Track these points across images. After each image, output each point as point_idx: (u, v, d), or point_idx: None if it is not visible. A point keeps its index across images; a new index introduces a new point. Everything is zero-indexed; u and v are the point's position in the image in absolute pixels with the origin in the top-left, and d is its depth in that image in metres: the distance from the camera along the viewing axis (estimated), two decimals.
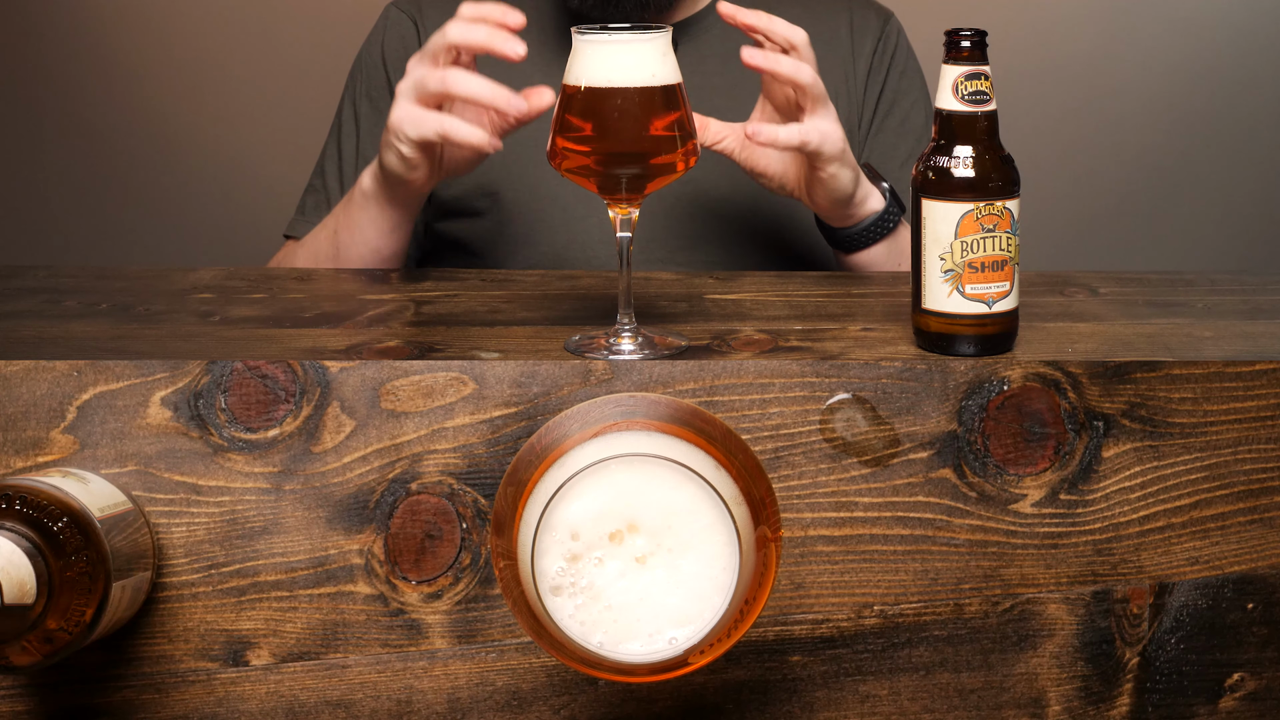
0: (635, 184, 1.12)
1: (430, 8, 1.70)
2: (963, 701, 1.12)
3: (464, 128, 1.30)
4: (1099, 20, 2.62)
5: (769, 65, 1.32)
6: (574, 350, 1.12)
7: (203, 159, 2.64)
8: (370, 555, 1.10)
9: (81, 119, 2.64)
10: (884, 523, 1.10)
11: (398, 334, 1.18)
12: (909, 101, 1.69)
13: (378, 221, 1.47)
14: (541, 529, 0.94)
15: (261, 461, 1.09)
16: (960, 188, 1.10)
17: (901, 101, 1.69)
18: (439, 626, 1.10)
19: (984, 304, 1.10)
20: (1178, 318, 1.23)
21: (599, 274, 1.39)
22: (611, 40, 1.11)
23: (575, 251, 1.61)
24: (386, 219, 1.47)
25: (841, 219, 1.49)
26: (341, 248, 1.51)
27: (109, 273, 1.40)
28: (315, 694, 1.11)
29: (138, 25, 2.62)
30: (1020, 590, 1.11)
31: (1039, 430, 1.10)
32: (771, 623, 1.11)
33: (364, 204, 1.47)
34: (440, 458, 1.09)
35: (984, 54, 1.10)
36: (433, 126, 1.31)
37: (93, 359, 1.09)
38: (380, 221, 1.47)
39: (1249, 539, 1.12)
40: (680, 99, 1.13)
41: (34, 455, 1.09)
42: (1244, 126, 2.64)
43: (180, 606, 1.10)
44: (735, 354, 1.12)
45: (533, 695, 1.11)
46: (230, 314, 1.24)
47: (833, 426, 1.10)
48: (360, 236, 1.49)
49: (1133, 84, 2.62)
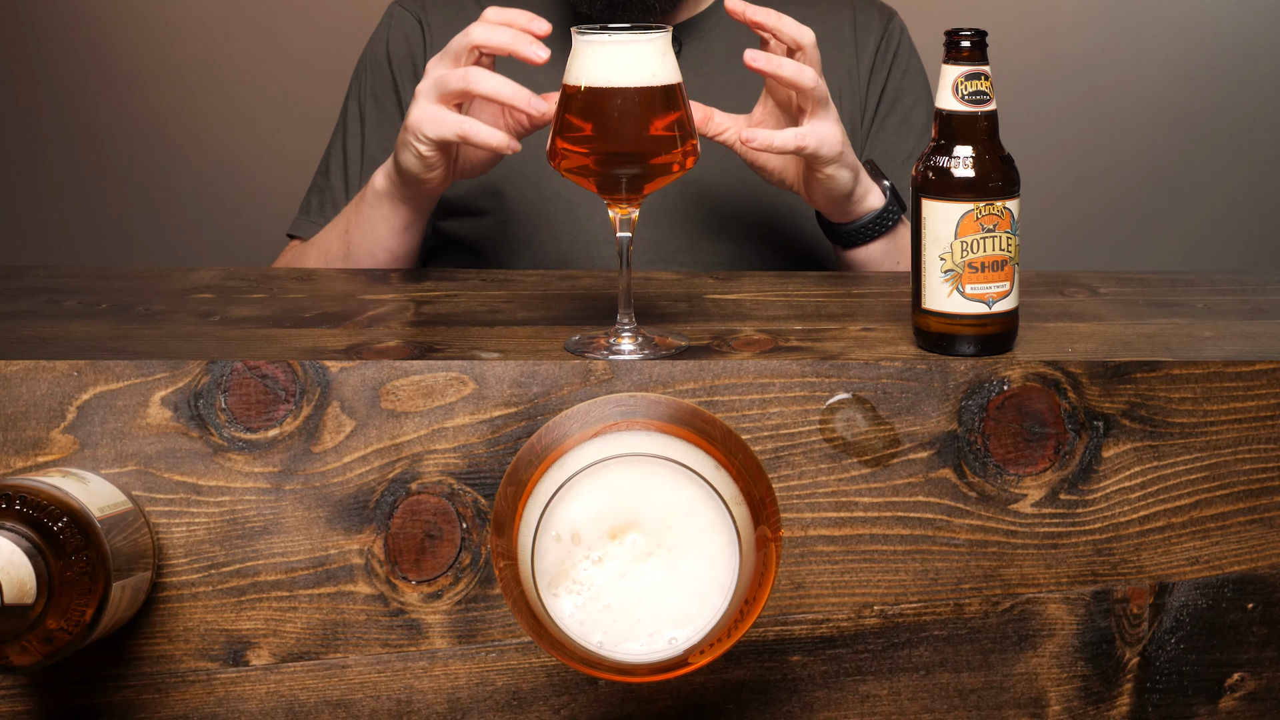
0: (635, 184, 1.12)
1: (435, 7, 1.70)
2: (963, 701, 1.12)
3: (484, 129, 1.30)
4: (1099, 20, 2.62)
5: (771, 68, 1.32)
6: (574, 350, 1.12)
7: (203, 159, 2.64)
8: (370, 555, 1.10)
9: (81, 119, 2.64)
10: (884, 523, 1.10)
11: (398, 334, 1.18)
12: (911, 100, 1.70)
13: (390, 220, 1.48)
14: (541, 529, 0.94)
15: (261, 461, 1.09)
16: (960, 188, 1.10)
17: (904, 100, 1.69)
18: (439, 626, 1.10)
19: (984, 304, 1.10)
20: (1178, 318, 1.23)
21: (599, 274, 1.39)
22: (612, 40, 1.11)
23: (579, 250, 1.61)
24: (400, 217, 1.47)
25: (840, 215, 1.50)
26: (353, 247, 1.51)
27: (109, 273, 1.40)
28: (315, 694, 1.11)
29: (138, 25, 2.62)
30: (1020, 590, 1.11)
31: (1039, 430, 1.10)
32: (771, 623, 1.11)
33: (376, 203, 1.47)
34: (440, 458, 1.09)
35: (984, 54, 1.10)
36: (452, 127, 1.31)
37: (93, 359, 1.09)
38: (393, 220, 1.48)
39: (1249, 539, 1.12)
40: (680, 99, 1.13)
41: (34, 455, 1.09)
42: (1244, 126, 2.64)
43: (180, 606, 1.10)
44: (735, 354, 1.12)
45: (533, 695, 1.11)
46: (230, 314, 1.25)
47: (833, 426, 1.10)
48: (373, 235, 1.49)
49: (1133, 84, 2.62)
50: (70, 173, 2.66)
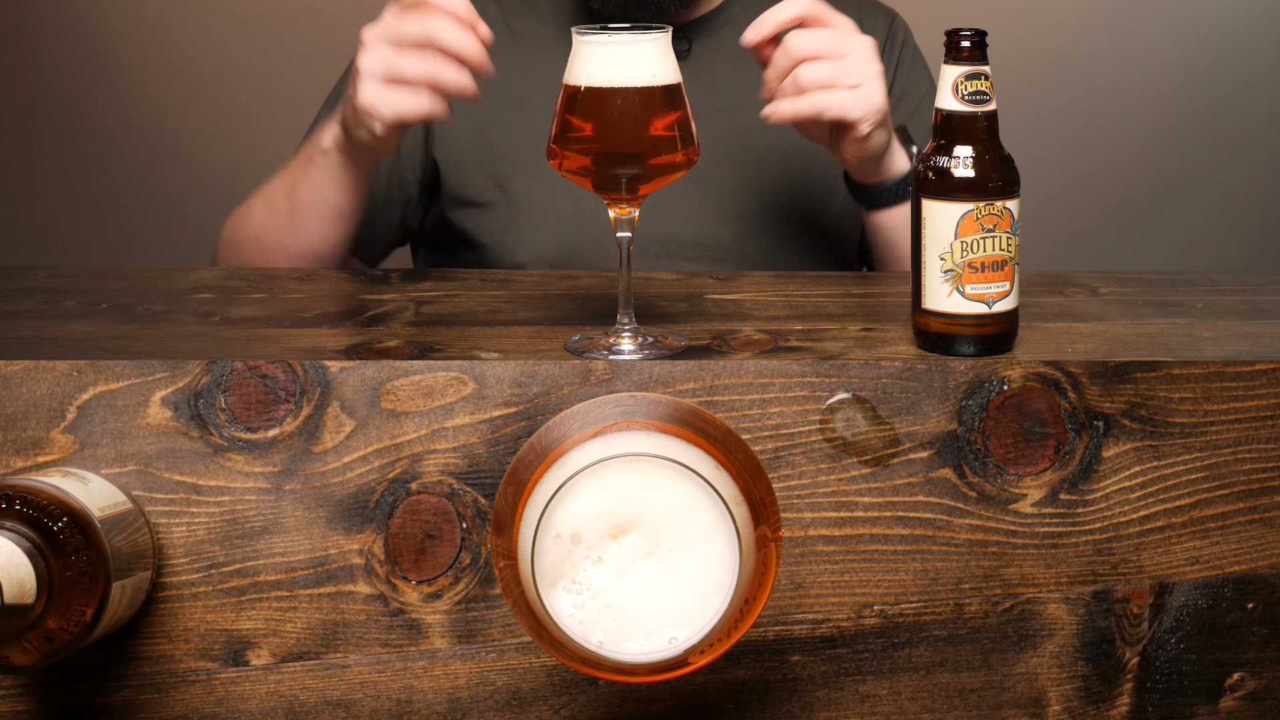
0: (634, 184, 1.12)
1: None
2: (963, 701, 1.12)
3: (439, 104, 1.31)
4: (1099, 20, 2.62)
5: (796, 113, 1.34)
6: (574, 350, 1.12)
7: (203, 159, 2.64)
8: (370, 555, 1.10)
9: (81, 119, 2.64)
10: (884, 522, 1.10)
11: (398, 334, 1.18)
12: (919, 94, 1.71)
13: (340, 180, 1.49)
14: (541, 529, 0.94)
15: (261, 461, 1.09)
16: (960, 188, 1.10)
17: (911, 94, 1.71)
18: (439, 626, 1.10)
19: (984, 304, 1.10)
20: (1178, 318, 1.23)
21: (599, 274, 1.39)
22: (612, 40, 1.11)
23: (585, 243, 1.62)
24: (349, 178, 1.49)
25: (868, 176, 1.50)
26: (299, 204, 1.51)
27: (109, 273, 1.40)
28: (315, 694, 1.11)
29: (138, 25, 2.62)
30: (1020, 590, 1.11)
31: (1039, 430, 1.10)
32: (771, 623, 1.11)
33: (325, 164, 1.48)
34: (440, 458, 1.09)
35: (984, 54, 1.10)
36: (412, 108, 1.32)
37: (93, 359, 1.09)
38: (343, 180, 1.49)
39: (1249, 539, 1.12)
40: (680, 99, 1.13)
41: (34, 455, 1.09)
42: (1244, 126, 2.64)
43: (180, 606, 1.10)
44: (735, 354, 1.12)
45: (533, 695, 1.11)
46: (230, 314, 1.24)
47: (833, 426, 1.10)
48: (321, 195, 1.50)
49: (1133, 84, 2.62)
50: (70, 173, 2.66)
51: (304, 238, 1.53)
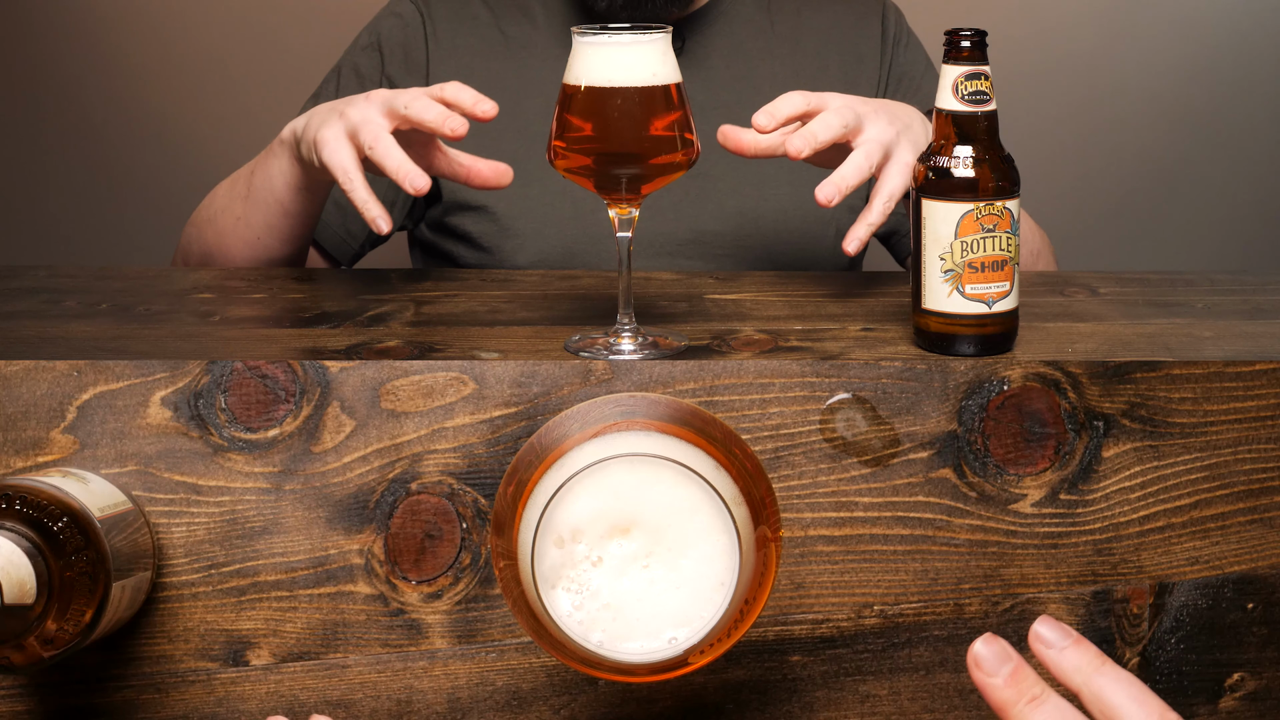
0: (635, 184, 1.12)
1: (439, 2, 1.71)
2: (963, 701, 1.12)
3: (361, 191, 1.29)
4: (1099, 20, 2.62)
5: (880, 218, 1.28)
6: (574, 350, 1.12)
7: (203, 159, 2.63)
8: (370, 555, 1.10)
9: (81, 119, 2.64)
10: (884, 523, 1.10)
11: (398, 334, 1.18)
12: (918, 71, 1.72)
13: (286, 175, 1.46)
14: (541, 529, 0.94)
15: (261, 461, 1.09)
16: (960, 188, 1.10)
17: (911, 73, 1.72)
18: (439, 626, 1.10)
19: (984, 304, 1.10)
20: (1178, 318, 1.23)
21: (599, 274, 1.39)
22: (611, 41, 1.11)
23: (585, 245, 1.62)
24: (295, 176, 1.46)
25: None
26: (254, 189, 1.50)
27: (109, 273, 1.41)
28: (315, 694, 1.11)
29: (138, 25, 2.62)
30: (1020, 590, 1.11)
31: (1039, 430, 1.10)
32: (771, 623, 1.11)
33: (280, 154, 1.46)
34: (440, 458, 1.09)
35: (984, 54, 1.10)
36: (341, 168, 1.29)
37: (93, 359, 1.09)
38: (289, 176, 1.46)
39: (1249, 539, 1.12)
40: (681, 99, 1.13)
41: (34, 455, 1.09)
42: (1244, 126, 2.64)
43: (180, 606, 1.10)
44: (735, 354, 1.12)
45: (533, 695, 1.11)
46: (230, 314, 1.25)
47: (833, 426, 1.10)
48: (269, 185, 1.48)
49: (1133, 84, 2.62)
50: (70, 173, 2.66)
51: (255, 224, 1.51)
